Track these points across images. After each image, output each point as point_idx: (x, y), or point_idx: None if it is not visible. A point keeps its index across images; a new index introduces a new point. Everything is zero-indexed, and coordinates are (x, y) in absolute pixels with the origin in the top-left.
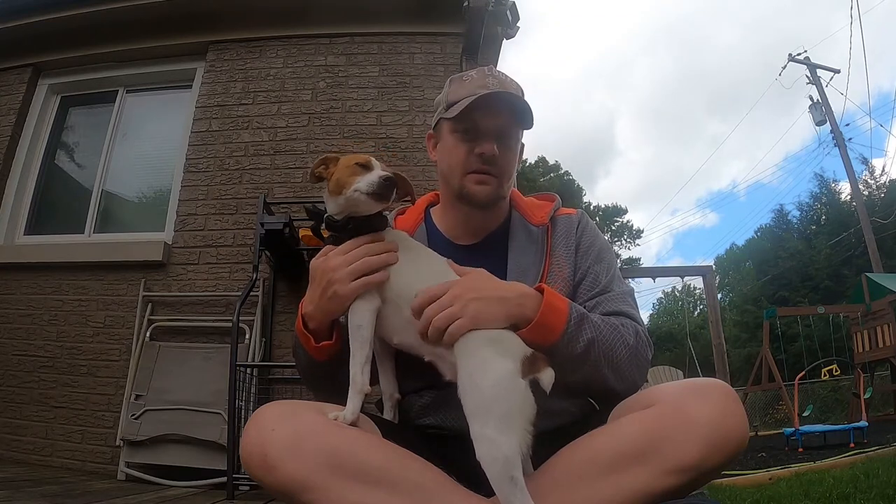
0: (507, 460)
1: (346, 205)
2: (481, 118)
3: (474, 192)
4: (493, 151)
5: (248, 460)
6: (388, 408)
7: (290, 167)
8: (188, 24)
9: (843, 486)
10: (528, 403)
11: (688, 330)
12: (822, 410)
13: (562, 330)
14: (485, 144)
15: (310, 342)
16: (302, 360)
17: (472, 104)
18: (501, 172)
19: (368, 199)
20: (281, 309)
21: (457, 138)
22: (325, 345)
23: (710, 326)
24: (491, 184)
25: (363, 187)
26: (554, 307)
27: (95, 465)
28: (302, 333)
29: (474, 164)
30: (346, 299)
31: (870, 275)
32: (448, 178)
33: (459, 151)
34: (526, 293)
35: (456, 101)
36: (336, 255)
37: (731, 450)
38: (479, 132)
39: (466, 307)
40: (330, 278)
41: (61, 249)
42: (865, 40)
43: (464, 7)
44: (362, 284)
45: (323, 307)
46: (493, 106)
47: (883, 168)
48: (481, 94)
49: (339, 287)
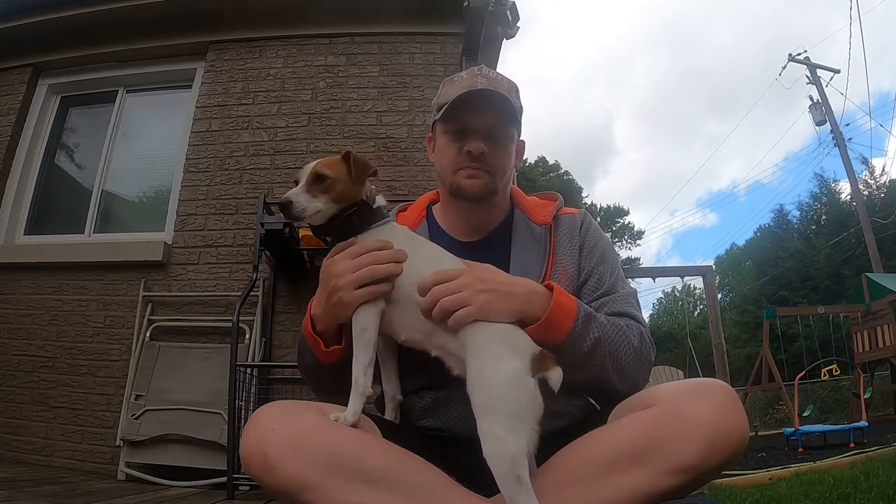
0: (514, 459)
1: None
2: (468, 117)
3: (465, 186)
4: (480, 149)
5: (248, 460)
6: (389, 409)
7: (290, 167)
8: (188, 24)
9: (843, 486)
10: (537, 402)
11: (688, 330)
12: (822, 410)
13: (569, 328)
14: (472, 143)
15: (319, 346)
16: (308, 362)
17: (454, 103)
18: (493, 169)
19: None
20: (281, 309)
21: (447, 138)
22: (335, 349)
23: (710, 326)
24: (482, 178)
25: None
26: (562, 305)
27: (95, 465)
28: (310, 335)
29: (463, 162)
30: (351, 307)
31: (870, 275)
32: (442, 176)
33: (450, 150)
34: (535, 290)
35: (445, 103)
36: (342, 260)
37: (731, 450)
38: (468, 131)
39: (475, 296)
40: (335, 284)
41: (61, 249)
42: (865, 40)
43: (464, 7)
44: (366, 293)
45: (328, 312)
46: (476, 104)
47: (883, 168)
48: (463, 93)
49: (343, 294)
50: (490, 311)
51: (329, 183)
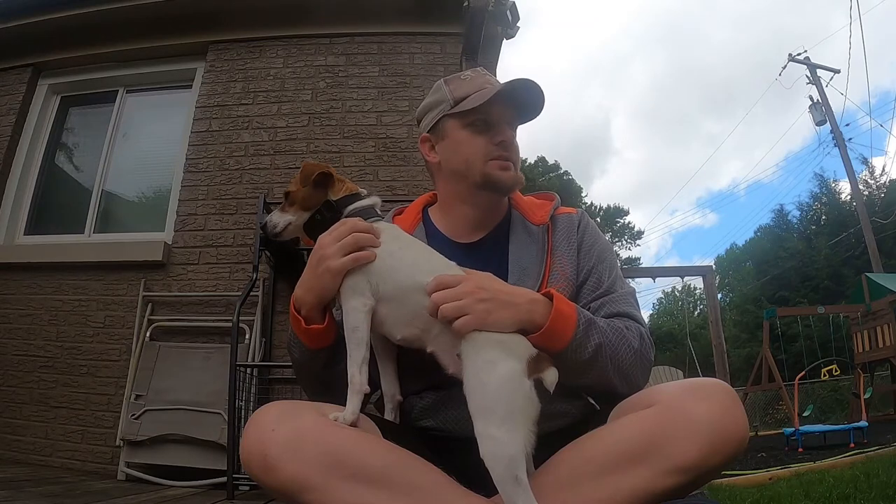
0: (511, 459)
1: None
2: (498, 109)
3: (500, 178)
4: (512, 138)
5: (248, 460)
6: (389, 409)
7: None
8: (188, 24)
9: (843, 486)
10: (533, 403)
11: (688, 330)
12: (822, 410)
13: (571, 336)
14: (505, 132)
15: (300, 324)
16: (295, 354)
17: (498, 93)
18: (516, 159)
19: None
20: (281, 309)
21: (469, 132)
22: (315, 328)
23: (710, 326)
24: (512, 169)
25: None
26: (563, 314)
27: (95, 465)
28: (293, 317)
29: (495, 152)
30: (338, 274)
31: (870, 275)
32: (465, 172)
33: (477, 142)
34: (535, 299)
35: (463, 97)
36: (325, 236)
37: (731, 450)
38: (491, 122)
39: (476, 305)
40: (321, 255)
41: (61, 249)
42: (865, 39)
43: (464, 7)
44: (352, 259)
45: (315, 286)
46: (517, 96)
47: (883, 168)
48: (503, 85)
49: (330, 262)
50: (491, 320)
51: (292, 196)
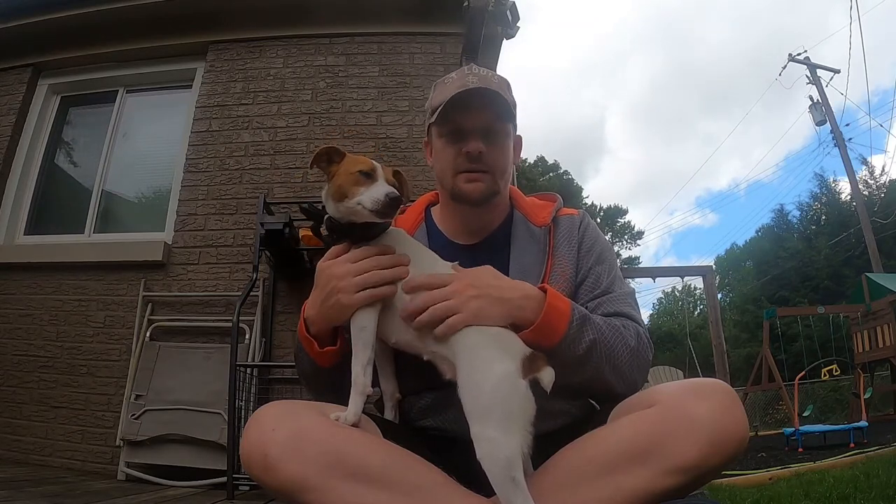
0: (508, 461)
1: (347, 213)
2: (462, 118)
3: (466, 191)
4: (478, 149)
5: (248, 460)
6: (388, 408)
7: (290, 167)
8: (188, 24)
9: (843, 487)
10: (529, 404)
11: (688, 330)
12: (822, 410)
13: (564, 332)
14: (470, 143)
15: (313, 347)
16: (304, 366)
17: (447, 105)
18: (492, 169)
19: (371, 215)
20: (281, 309)
21: (444, 141)
22: (328, 350)
23: (710, 326)
24: (483, 181)
25: (367, 203)
26: (556, 309)
27: (95, 465)
28: (304, 338)
29: (463, 165)
30: (349, 309)
31: (870, 275)
32: (442, 180)
33: (448, 153)
34: (528, 294)
35: (438, 105)
36: (343, 263)
37: (731, 450)
38: (463, 132)
39: (467, 303)
40: (334, 286)
41: (61, 249)
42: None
43: (464, 7)
44: (367, 297)
45: (324, 314)
46: (471, 104)
47: (883, 168)
48: (455, 94)
49: (342, 297)
50: (482, 316)
51: (397, 185)
